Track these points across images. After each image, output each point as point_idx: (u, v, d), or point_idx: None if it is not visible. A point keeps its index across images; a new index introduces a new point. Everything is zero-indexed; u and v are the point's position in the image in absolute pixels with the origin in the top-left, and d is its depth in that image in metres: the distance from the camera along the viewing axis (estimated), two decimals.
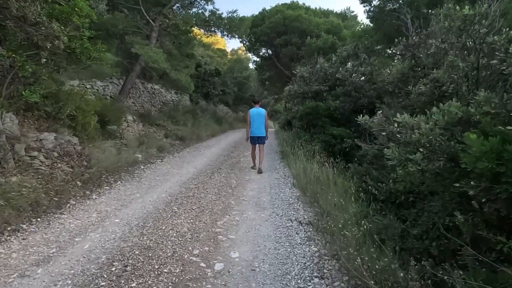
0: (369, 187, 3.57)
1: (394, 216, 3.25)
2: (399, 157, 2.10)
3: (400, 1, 12.64)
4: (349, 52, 11.47)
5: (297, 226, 3.65)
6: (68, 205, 4.15)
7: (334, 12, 25.82)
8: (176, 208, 4.23)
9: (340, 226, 3.21)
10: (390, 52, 16.12)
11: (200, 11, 10.91)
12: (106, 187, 5.12)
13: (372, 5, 14.11)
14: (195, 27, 11.50)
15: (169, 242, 3.18)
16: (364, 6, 14.35)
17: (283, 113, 47.65)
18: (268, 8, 24.28)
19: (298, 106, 10.92)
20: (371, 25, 17.64)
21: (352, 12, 27.70)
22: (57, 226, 3.49)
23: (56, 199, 4.18)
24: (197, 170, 6.84)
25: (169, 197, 4.74)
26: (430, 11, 11.35)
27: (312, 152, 7.15)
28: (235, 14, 11.20)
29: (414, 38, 4.10)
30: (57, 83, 6.41)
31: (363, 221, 3.14)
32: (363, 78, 9.73)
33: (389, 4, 13.11)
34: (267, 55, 26.27)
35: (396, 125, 2.47)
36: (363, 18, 34.75)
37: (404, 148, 2.10)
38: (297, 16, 20.94)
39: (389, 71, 3.82)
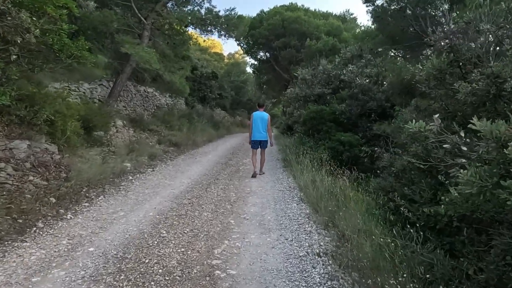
0: (401, 208, 2.90)
1: (437, 245, 2.60)
2: (482, 182, 1.46)
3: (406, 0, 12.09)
4: (353, 53, 10.90)
5: (313, 257, 2.96)
6: (34, 228, 3.44)
7: (334, 14, 25.36)
8: (164, 232, 3.53)
9: (370, 258, 2.54)
10: (394, 53, 15.59)
11: (195, 9, 10.29)
12: (85, 204, 4.41)
13: (376, 5, 13.57)
14: (190, 27, 10.88)
15: (152, 283, 2.48)
16: (367, 6, 13.82)
17: (281, 117, 47.20)
18: (266, 9, 23.81)
19: (300, 110, 10.29)
20: (373, 27, 17.15)
21: (352, 14, 27.29)
22: (13, 259, 2.78)
23: (20, 221, 3.48)
24: (191, 181, 6.16)
25: (157, 216, 4.05)
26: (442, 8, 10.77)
27: (319, 160, 6.49)
28: (233, 12, 10.60)
29: (451, 25, 3.51)
30: (35, 85, 5.71)
31: (399, 252, 2.48)
32: (367, 80, 9.11)
33: (394, 4, 12.57)
34: (265, 58, 25.73)
35: (463, 134, 1.82)
36: (362, 21, 34.35)
37: (490, 169, 1.46)
38: (296, 18, 20.41)
39: (420, 67, 3.17)
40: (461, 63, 2.87)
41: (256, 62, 26.96)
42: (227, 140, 16.14)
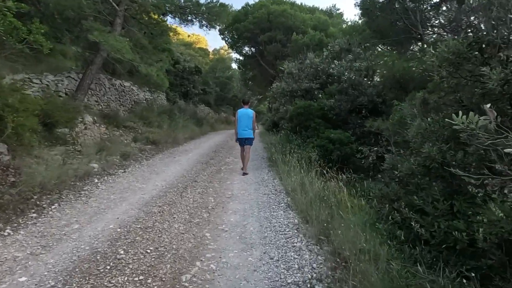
0: (411, 223, 2.36)
1: (459, 272, 2.07)
2: None
3: None
4: (342, 46, 10.40)
5: (304, 286, 2.39)
6: None
7: (320, 9, 24.89)
8: (123, 251, 2.89)
9: None
10: (381, 48, 15.18)
11: None
12: (33, 214, 3.71)
13: None
14: (169, 15, 10.13)
15: None
16: None
17: (267, 114, 46.74)
18: (251, 2, 23.12)
19: (286, 106, 9.73)
20: (360, 22, 16.74)
21: (338, 9, 26.92)
22: None
23: None
24: (166, 183, 5.50)
25: (118, 229, 3.40)
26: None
27: (307, 160, 5.95)
28: (214, 0, 9.88)
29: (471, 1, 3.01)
30: None
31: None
32: (356, 75, 8.63)
33: None
34: (250, 53, 25.07)
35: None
36: (349, 16, 34.07)
37: None
38: (282, 11, 19.83)
39: (433, 52, 2.64)
40: (483, 45, 2.35)
41: (241, 57, 26.29)
42: (210, 137, 15.46)
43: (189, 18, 10.03)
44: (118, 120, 9.45)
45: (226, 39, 23.61)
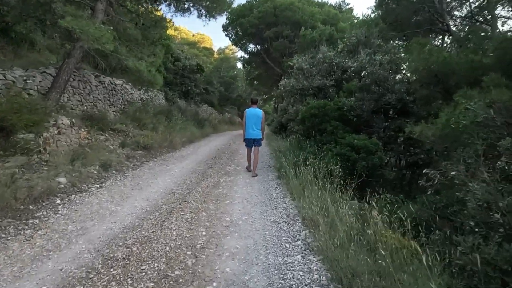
0: None
1: None
2: None
3: None
4: (360, 37, 9.14)
5: None
6: None
7: (329, 4, 23.59)
8: None
9: None
10: (398, 42, 13.88)
11: None
12: None
13: None
14: (163, 3, 8.97)
15: None
16: None
17: (272, 114, 45.66)
18: None
19: (297, 106, 8.50)
20: (373, 15, 15.46)
21: (348, 4, 25.60)
22: None
23: None
24: (148, 204, 4.32)
25: None
26: None
27: (327, 173, 4.73)
28: None
29: None
30: None
31: None
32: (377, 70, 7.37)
33: None
34: (255, 50, 23.85)
35: None
36: (358, 12, 32.61)
37: None
38: (289, 5, 18.58)
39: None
40: None
41: (246, 55, 25.07)
42: (212, 139, 14.29)
43: (186, 6, 8.86)
44: (105, 123, 8.30)
45: (230, 35, 22.44)
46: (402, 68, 7.70)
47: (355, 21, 20.69)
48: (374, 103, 6.44)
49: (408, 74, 8.20)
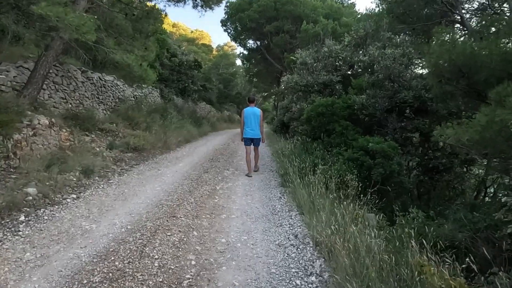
0: None
1: None
2: None
3: None
4: (368, 30, 8.45)
5: None
6: None
7: None
8: None
9: None
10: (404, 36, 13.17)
11: None
12: None
13: None
14: None
15: None
16: None
17: (272, 112, 44.93)
18: None
19: (301, 104, 7.81)
20: (377, 9, 14.74)
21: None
22: None
23: None
24: (129, 221, 3.65)
25: None
26: None
27: (340, 182, 4.08)
28: None
29: None
30: None
31: None
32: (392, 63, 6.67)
33: None
34: (255, 46, 23.10)
35: None
36: (360, 8, 31.85)
37: None
38: None
39: None
40: None
41: (245, 51, 24.28)
42: (210, 139, 13.63)
43: None
44: (92, 122, 7.61)
45: (229, 30, 21.67)
46: (415, 63, 7.02)
47: (359, 16, 19.99)
48: (388, 101, 5.77)
49: (421, 70, 7.54)
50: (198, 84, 18.09)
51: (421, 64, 8.08)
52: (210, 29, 74.31)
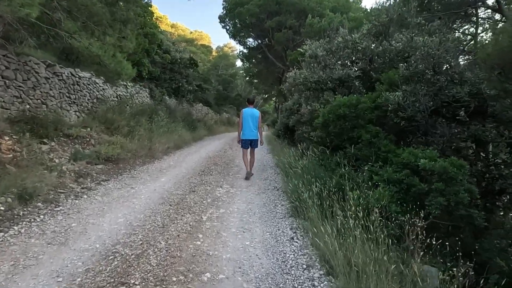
0: None
1: None
2: None
3: None
4: (392, 16, 7.02)
5: None
6: None
7: None
8: None
9: None
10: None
11: None
12: None
13: None
14: None
15: None
16: None
17: (273, 115, 43.54)
18: None
19: (312, 104, 6.35)
20: (387, 3, 13.34)
21: None
22: None
23: None
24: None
25: None
26: None
27: (380, 217, 2.63)
28: None
29: None
30: None
31: None
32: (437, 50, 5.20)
33: None
34: (255, 44, 21.66)
35: None
36: (366, 4, 30.26)
37: None
38: None
39: None
40: None
41: (244, 50, 22.83)
42: (205, 144, 12.18)
43: None
44: (52, 127, 6.16)
45: (227, 27, 20.23)
46: (457, 52, 5.56)
47: (368, 9, 18.59)
48: (433, 100, 4.33)
49: (461, 61, 6.08)
50: (193, 84, 16.66)
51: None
52: (210, 30, 73.06)
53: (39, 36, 5.80)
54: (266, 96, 38.91)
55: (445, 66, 4.65)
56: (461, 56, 5.22)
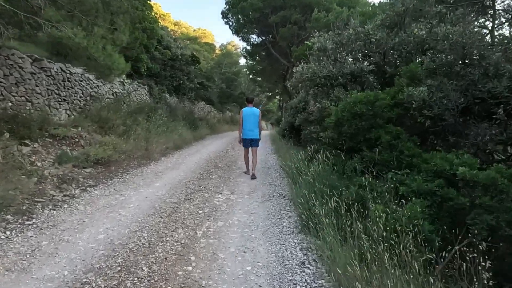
0: None
1: None
2: None
3: None
4: (409, 5, 6.39)
5: None
6: None
7: None
8: None
9: None
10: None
11: None
12: None
13: None
14: None
15: None
16: None
17: (277, 113, 42.85)
18: None
19: (322, 101, 5.76)
20: None
21: None
22: None
23: None
24: None
25: None
26: None
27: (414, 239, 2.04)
28: None
29: None
30: None
31: None
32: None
33: None
34: (259, 41, 21.03)
35: None
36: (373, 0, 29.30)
37: None
38: None
39: None
40: None
41: (248, 47, 22.18)
42: (207, 144, 11.64)
43: None
44: (40, 126, 5.65)
45: (230, 23, 19.62)
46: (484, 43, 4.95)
47: (377, 3, 17.90)
48: (463, 96, 3.74)
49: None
50: (195, 82, 16.11)
51: None
52: (214, 29, 72.53)
53: (22, 28, 5.27)
54: (270, 94, 38.28)
55: (475, 57, 4.04)
56: (489, 47, 4.59)
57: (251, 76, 29.84)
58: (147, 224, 3.51)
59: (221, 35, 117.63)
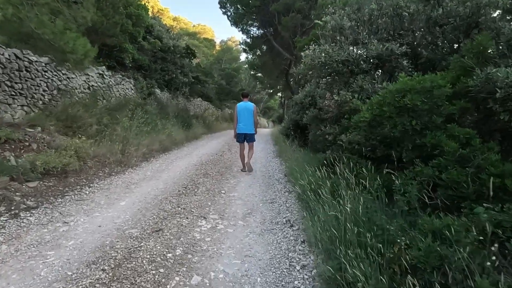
0: None
1: None
2: None
3: None
4: None
5: None
6: None
7: None
8: None
9: None
10: None
11: None
12: None
13: None
14: None
15: None
16: None
17: (278, 110, 41.34)
18: None
19: (341, 93, 4.37)
20: None
21: None
22: None
23: None
24: None
25: None
26: None
27: None
28: None
29: None
30: None
31: None
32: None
33: None
34: (259, 33, 19.62)
35: None
36: None
37: None
38: None
39: None
40: None
41: (248, 39, 20.75)
42: (200, 145, 10.31)
43: None
44: None
45: (229, 13, 18.19)
46: None
47: None
48: None
49: None
50: (189, 76, 14.74)
51: None
52: (214, 24, 71.04)
53: None
54: (272, 91, 36.93)
55: None
56: None
57: (252, 72, 28.46)
58: (77, 286, 2.17)
59: (222, 31, 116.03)
